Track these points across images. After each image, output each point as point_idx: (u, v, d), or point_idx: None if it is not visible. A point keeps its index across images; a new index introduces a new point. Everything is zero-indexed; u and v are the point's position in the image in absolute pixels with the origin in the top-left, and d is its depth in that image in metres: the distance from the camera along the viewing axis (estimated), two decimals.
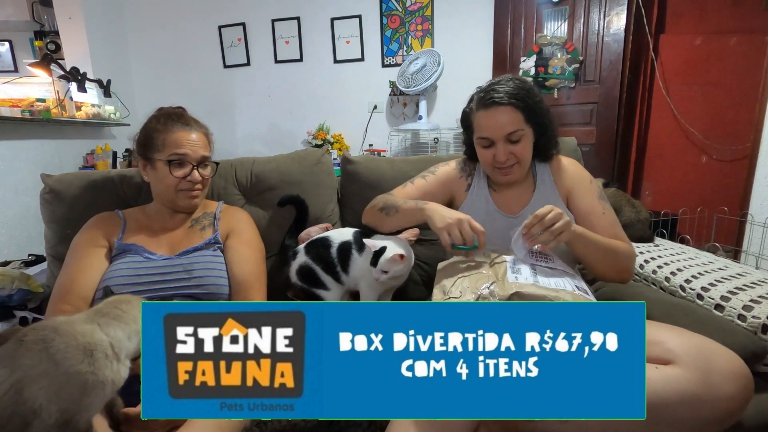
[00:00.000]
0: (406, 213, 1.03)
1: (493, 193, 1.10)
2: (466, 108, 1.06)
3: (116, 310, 0.66)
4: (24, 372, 0.54)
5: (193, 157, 1.03)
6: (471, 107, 1.03)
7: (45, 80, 2.50)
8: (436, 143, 2.91)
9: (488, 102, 0.97)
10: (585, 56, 2.63)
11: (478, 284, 0.82)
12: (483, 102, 0.98)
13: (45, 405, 0.53)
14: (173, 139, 1.02)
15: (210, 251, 1.04)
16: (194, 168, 1.04)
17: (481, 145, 1.02)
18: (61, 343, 0.57)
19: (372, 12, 3.05)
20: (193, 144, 1.03)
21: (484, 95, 0.98)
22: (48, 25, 3.58)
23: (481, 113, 0.99)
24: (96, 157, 2.75)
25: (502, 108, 0.96)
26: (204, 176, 1.07)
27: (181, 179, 1.03)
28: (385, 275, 1.02)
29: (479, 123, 1.00)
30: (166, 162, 1.01)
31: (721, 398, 0.69)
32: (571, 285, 0.81)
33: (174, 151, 1.01)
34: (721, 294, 1.01)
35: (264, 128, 3.38)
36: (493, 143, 0.99)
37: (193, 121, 1.07)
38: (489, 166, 1.03)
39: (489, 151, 1.00)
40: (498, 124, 0.97)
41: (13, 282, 1.34)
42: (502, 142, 0.98)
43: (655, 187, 2.65)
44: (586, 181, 1.07)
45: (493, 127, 0.97)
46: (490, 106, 0.97)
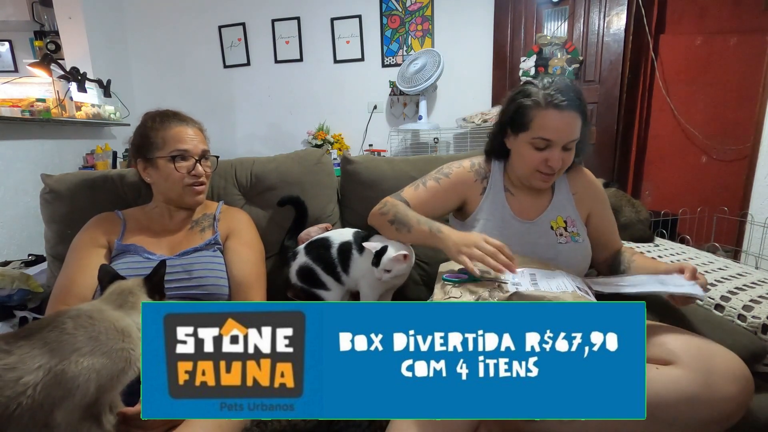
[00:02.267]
0: (419, 236, 0.98)
1: (510, 198, 1.05)
2: (523, 100, 0.95)
3: (131, 297, 0.72)
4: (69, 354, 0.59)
5: (194, 151, 1.04)
6: (532, 102, 0.93)
7: (45, 80, 2.50)
8: (436, 143, 2.91)
9: (562, 103, 0.90)
10: (585, 56, 2.63)
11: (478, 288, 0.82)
12: (555, 102, 0.90)
13: (83, 384, 0.58)
14: (173, 135, 1.02)
15: (210, 252, 1.04)
16: (197, 162, 1.05)
17: (535, 145, 0.94)
18: (101, 326, 0.64)
19: (372, 12, 3.05)
20: (192, 138, 1.04)
21: (556, 94, 0.91)
22: (48, 25, 3.58)
23: (551, 113, 0.91)
24: (96, 157, 2.75)
25: (573, 113, 0.91)
26: (207, 170, 1.08)
27: (186, 174, 1.04)
28: (388, 275, 1.02)
29: (544, 122, 0.92)
30: (170, 158, 1.02)
31: (721, 399, 0.70)
32: (572, 286, 0.81)
33: (176, 147, 1.02)
34: (721, 294, 1.01)
35: (264, 128, 3.38)
36: (549, 146, 0.93)
37: (188, 117, 1.09)
38: (532, 168, 0.97)
39: (541, 154, 0.94)
40: (568, 128, 0.92)
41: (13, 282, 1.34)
42: (560, 147, 0.93)
43: (655, 187, 2.65)
44: (603, 193, 1.08)
45: (561, 130, 0.92)
46: (564, 109, 0.90)
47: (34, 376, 0.56)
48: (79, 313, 0.65)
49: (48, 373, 0.57)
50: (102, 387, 0.60)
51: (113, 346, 0.62)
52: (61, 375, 0.57)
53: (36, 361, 0.57)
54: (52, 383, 0.57)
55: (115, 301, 0.72)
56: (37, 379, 0.56)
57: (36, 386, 0.56)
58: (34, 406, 0.55)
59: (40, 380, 0.56)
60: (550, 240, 1.00)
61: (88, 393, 0.59)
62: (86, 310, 0.66)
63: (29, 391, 0.55)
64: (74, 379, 0.58)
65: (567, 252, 0.99)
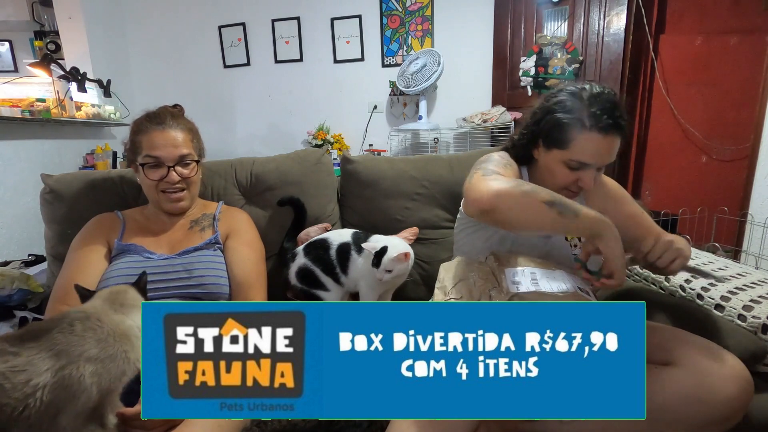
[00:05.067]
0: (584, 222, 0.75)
1: None
2: (562, 117, 0.85)
3: (129, 299, 0.73)
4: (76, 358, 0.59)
5: (167, 157, 0.99)
6: (575, 119, 0.84)
7: (45, 80, 2.50)
8: (436, 143, 2.91)
9: (609, 126, 0.82)
10: (585, 56, 2.63)
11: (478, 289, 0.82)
12: (601, 125, 0.81)
13: (88, 388, 0.59)
14: (146, 141, 1.00)
15: (210, 251, 1.04)
16: (170, 169, 1.00)
17: (570, 166, 0.86)
18: (108, 329, 0.65)
19: (372, 12, 3.05)
20: (167, 144, 0.99)
21: (602, 115, 0.81)
22: (48, 25, 3.57)
23: (594, 137, 0.82)
24: (96, 157, 2.75)
25: (617, 136, 0.84)
26: (184, 175, 1.03)
27: (158, 181, 1.01)
28: (389, 275, 1.02)
29: (585, 146, 0.83)
30: (141, 165, 1.00)
31: (721, 400, 0.70)
32: (573, 286, 0.81)
33: (147, 153, 0.99)
34: (721, 294, 1.01)
35: (264, 128, 3.37)
36: (585, 167, 0.86)
37: (170, 119, 1.02)
38: (560, 186, 0.88)
39: (574, 174, 0.87)
40: (609, 152, 0.84)
41: (13, 282, 1.34)
42: (595, 168, 0.86)
43: (655, 187, 2.65)
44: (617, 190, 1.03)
45: (602, 156, 0.84)
46: (609, 132, 0.82)
47: (43, 378, 0.56)
48: (87, 315, 0.65)
49: (55, 376, 0.57)
50: (104, 390, 0.60)
51: (118, 349, 0.63)
52: (68, 379, 0.57)
53: (45, 363, 0.57)
54: (59, 386, 0.56)
55: (115, 301, 0.72)
56: (45, 382, 0.56)
57: (44, 388, 0.56)
58: (40, 409, 0.55)
59: (48, 383, 0.56)
60: (563, 250, 0.97)
61: (91, 397, 0.59)
62: (92, 312, 0.66)
63: (38, 393, 0.55)
64: (80, 383, 0.58)
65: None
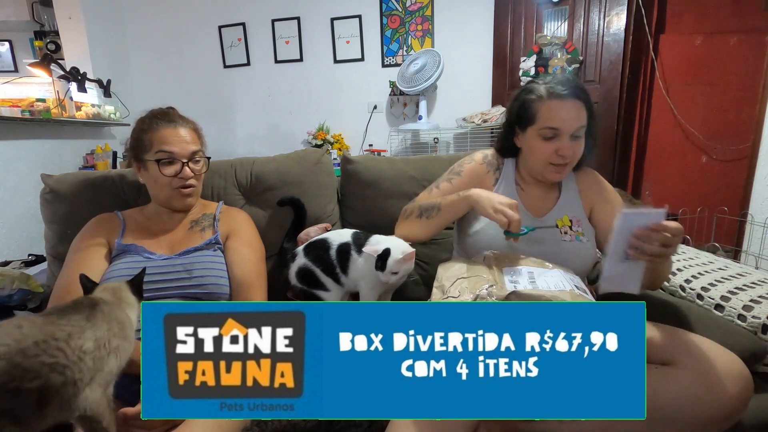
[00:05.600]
0: (450, 208, 1.00)
1: (520, 192, 1.06)
2: (527, 96, 0.99)
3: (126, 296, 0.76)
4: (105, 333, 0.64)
5: (181, 153, 1.02)
6: (536, 96, 0.97)
7: (45, 80, 2.50)
8: (436, 143, 2.91)
9: (564, 93, 0.94)
10: (585, 56, 2.63)
11: (476, 285, 0.82)
12: (556, 92, 0.95)
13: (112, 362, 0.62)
14: (159, 137, 1.02)
15: (210, 251, 1.04)
16: (184, 165, 1.03)
17: (544, 136, 0.97)
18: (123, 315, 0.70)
19: (372, 12, 3.04)
20: (180, 140, 1.03)
21: (557, 86, 0.95)
22: (48, 25, 3.57)
23: (554, 103, 0.95)
24: (96, 157, 2.75)
25: (576, 101, 0.94)
26: (196, 171, 1.06)
27: (172, 177, 1.02)
28: (395, 276, 1.02)
29: (549, 113, 0.95)
30: (155, 161, 1.01)
31: (721, 399, 0.70)
32: (570, 284, 0.81)
33: (161, 149, 1.01)
34: (721, 294, 1.01)
35: (264, 128, 3.37)
36: (558, 135, 0.95)
37: (178, 118, 1.06)
38: (544, 161, 0.98)
39: (551, 144, 0.96)
40: (572, 115, 0.94)
41: (13, 282, 1.34)
42: (568, 136, 0.95)
43: (655, 187, 2.65)
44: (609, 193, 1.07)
45: (566, 119, 0.94)
46: (566, 98, 0.94)
47: (91, 344, 0.59)
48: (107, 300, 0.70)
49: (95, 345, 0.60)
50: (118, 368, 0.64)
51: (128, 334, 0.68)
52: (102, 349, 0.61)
53: (87, 333, 0.60)
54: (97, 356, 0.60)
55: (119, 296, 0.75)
56: (91, 348, 0.59)
57: (92, 353, 0.59)
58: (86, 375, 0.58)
59: (92, 350, 0.59)
60: (554, 237, 1.00)
61: (113, 371, 0.62)
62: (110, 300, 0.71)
63: (86, 358, 0.58)
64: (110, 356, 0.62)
65: (569, 250, 0.99)
